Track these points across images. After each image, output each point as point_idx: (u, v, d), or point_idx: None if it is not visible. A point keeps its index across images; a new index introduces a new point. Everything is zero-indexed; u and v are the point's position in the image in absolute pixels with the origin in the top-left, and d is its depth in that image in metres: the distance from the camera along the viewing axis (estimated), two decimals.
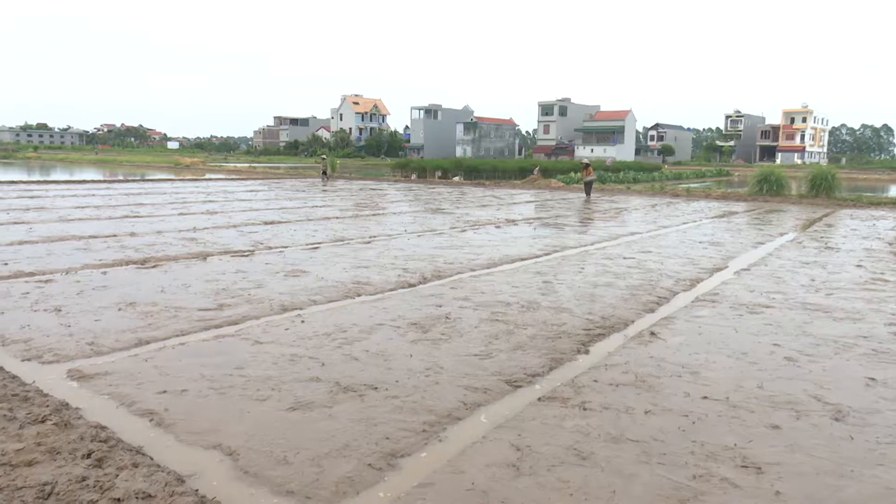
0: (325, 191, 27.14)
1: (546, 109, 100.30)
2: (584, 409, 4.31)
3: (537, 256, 10.61)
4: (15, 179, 30.28)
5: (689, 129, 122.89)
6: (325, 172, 36.36)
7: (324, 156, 40.11)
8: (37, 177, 34.81)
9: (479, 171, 41.82)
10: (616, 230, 14.61)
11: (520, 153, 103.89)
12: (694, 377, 4.98)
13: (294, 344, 5.58)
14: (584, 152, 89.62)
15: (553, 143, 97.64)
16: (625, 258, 10.49)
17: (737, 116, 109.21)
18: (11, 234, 11.70)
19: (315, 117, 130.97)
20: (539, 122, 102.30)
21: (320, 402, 4.35)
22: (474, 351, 5.51)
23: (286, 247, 11.00)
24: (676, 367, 5.22)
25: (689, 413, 4.28)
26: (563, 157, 78.15)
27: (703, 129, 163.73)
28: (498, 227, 14.88)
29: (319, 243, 11.52)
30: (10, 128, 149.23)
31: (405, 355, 5.36)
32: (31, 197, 20.43)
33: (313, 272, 8.74)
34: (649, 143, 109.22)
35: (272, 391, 4.52)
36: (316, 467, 3.46)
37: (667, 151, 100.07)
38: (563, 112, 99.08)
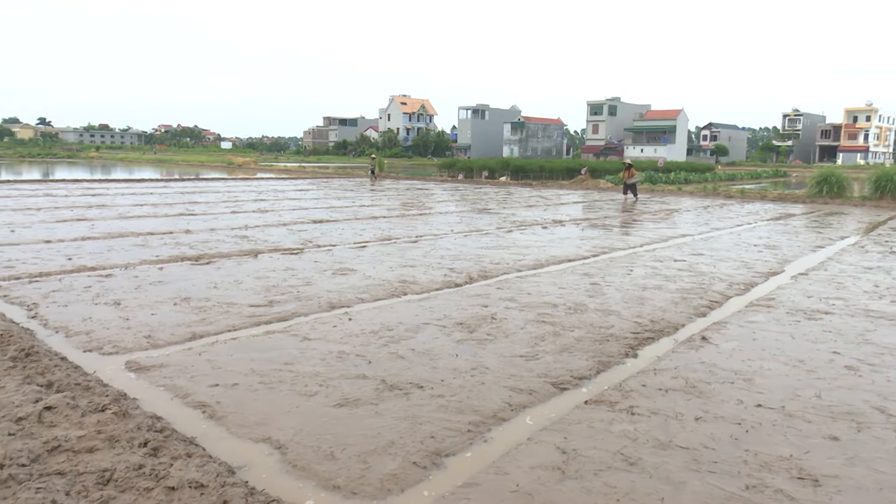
0: (372, 190, 27.43)
1: (595, 109, 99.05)
2: (632, 414, 4.23)
3: (585, 258, 10.48)
4: (79, 178, 31.57)
5: (743, 128, 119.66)
6: (373, 171, 36.74)
7: (373, 155, 40.56)
8: (98, 175, 36.18)
9: (526, 172, 41.59)
10: (666, 232, 14.32)
11: (567, 153, 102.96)
12: (747, 384, 4.85)
13: (341, 341, 5.65)
14: (633, 152, 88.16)
15: (602, 142, 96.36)
16: (675, 260, 10.28)
17: (795, 115, 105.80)
18: (75, 231, 12.19)
19: (363, 117, 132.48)
20: (588, 121, 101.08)
21: (367, 399, 4.39)
22: (520, 352, 5.48)
23: (334, 245, 11.15)
24: (729, 373, 5.08)
25: (742, 421, 4.17)
26: (612, 157, 77.03)
27: (759, 129, 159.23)
28: (545, 227, 14.77)
29: (367, 242, 11.64)
30: (75, 128, 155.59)
31: (451, 355, 5.37)
32: (94, 195, 21.24)
33: (360, 270, 8.83)
34: (702, 142, 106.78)
35: (320, 387, 4.59)
36: (362, 463, 3.50)
37: (720, 151, 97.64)
38: (612, 111, 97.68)
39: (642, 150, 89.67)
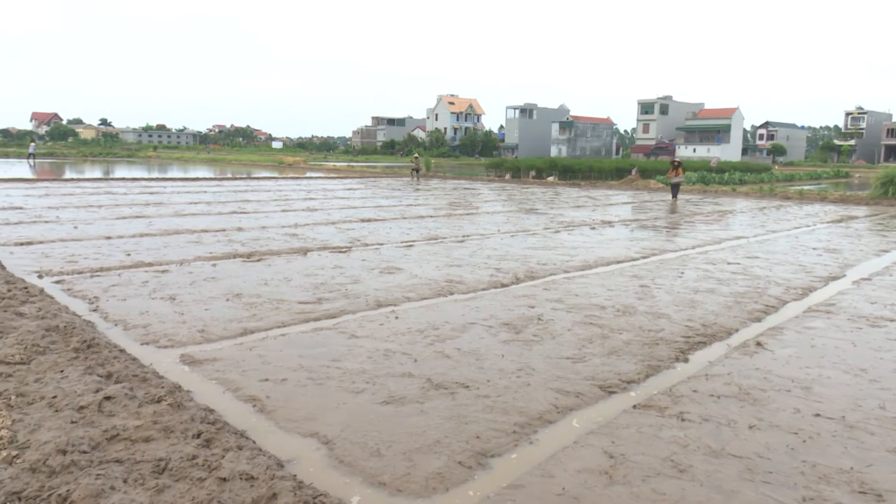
0: (417, 189, 27.56)
1: (646, 108, 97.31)
2: (683, 420, 4.14)
3: (634, 259, 10.31)
4: (137, 177, 32.69)
5: (802, 127, 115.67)
6: (416, 171, 36.91)
7: (416, 155, 40.75)
8: (156, 174, 37.38)
9: (575, 172, 41.12)
10: (719, 234, 13.96)
11: (617, 153, 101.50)
12: (805, 392, 4.68)
13: (388, 339, 5.69)
14: (685, 152, 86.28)
15: (653, 142, 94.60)
16: (729, 263, 10.01)
17: (859, 113, 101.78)
18: (134, 227, 12.62)
19: (411, 117, 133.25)
20: (638, 120, 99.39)
21: (413, 397, 4.42)
22: (567, 354, 5.42)
23: (382, 244, 11.25)
24: (785, 380, 4.92)
25: (799, 431, 4.03)
26: (664, 157, 75.53)
27: (819, 128, 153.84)
28: (593, 228, 14.58)
29: (414, 241, 11.70)
30: (134, 129, 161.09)
31: (497, 355, 5.36)
32: (151, 193, 21.95)
33: (407, 269, 8.89)
34: (758, 142, 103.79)
35: (367, 384, 4.63)
36: (407, 461, 3.52)
37: (777, 151, 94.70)
38: (664, 110, 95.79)
39: (695, 150, 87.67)
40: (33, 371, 4.37)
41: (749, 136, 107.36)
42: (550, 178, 38.88)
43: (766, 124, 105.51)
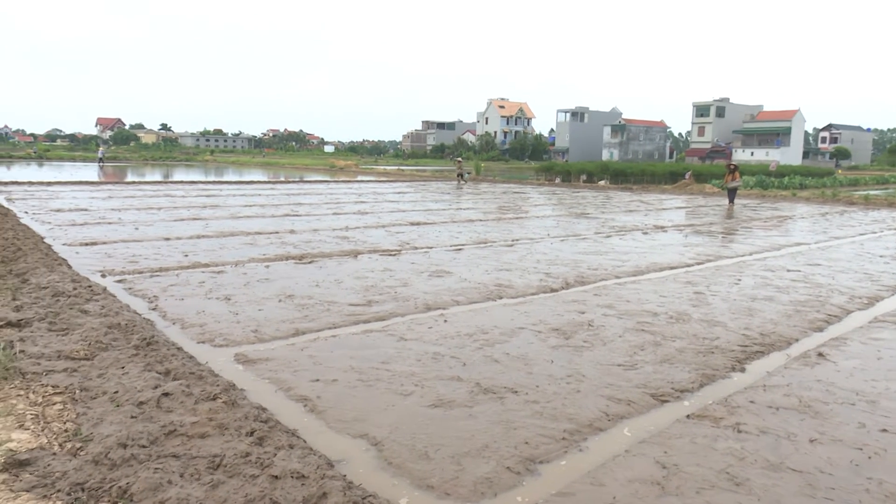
0: (459, 193, 27.57)
1: (701, 110, 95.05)
2: (739, 432, 4.02)
3: (688, 265, 10.07)
4: (195, 180, 33.71)
5: (868, 129, 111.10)
6: (461, 176, 36.96)
7: (459, 159, 40.74)
8: (212, 177, 38.47)
9: (626, 175, 40.47)
10: (778, 240, 13.52)
11: (671, 156, 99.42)
12: (871, 406, 4.48)
13: (437, 342, 5.71)
14: (742, 155, 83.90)
15: (708, 145, 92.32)
16: (788, 271, 9.68)
17: None
18: (191, 229, 13.01)
19: (461, 121, 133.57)
20: (693, 123, 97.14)
21: (461, 401, 4.41)
22: (618, 361, 5.33)
23: (431, 247, 11.30)
24: (849, 393, 4.72)
25: (864, 446, 3.85)
26: (719, 161, 73.60)
27: (887, 130, 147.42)
28: (645, 233, 14.31)
29: (463, 245, 11.71)
30: (192, 133, 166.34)
31: (546, 360, 5.31)
32: (208, 195, 22.59)
33: (456, 273, 8.89)
34: (820, 145, 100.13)
35: (415, 387, 4.65)
36: (456, 465, 3.52)
37: (841, 154, 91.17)
38: (720, 113, 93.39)
39: (752, 154, 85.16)
40: (96, 367, 4.54)
41: (811, 139, 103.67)
42: (601, 182, 38.38)
43: (828, 127, 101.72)
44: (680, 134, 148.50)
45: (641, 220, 17.38)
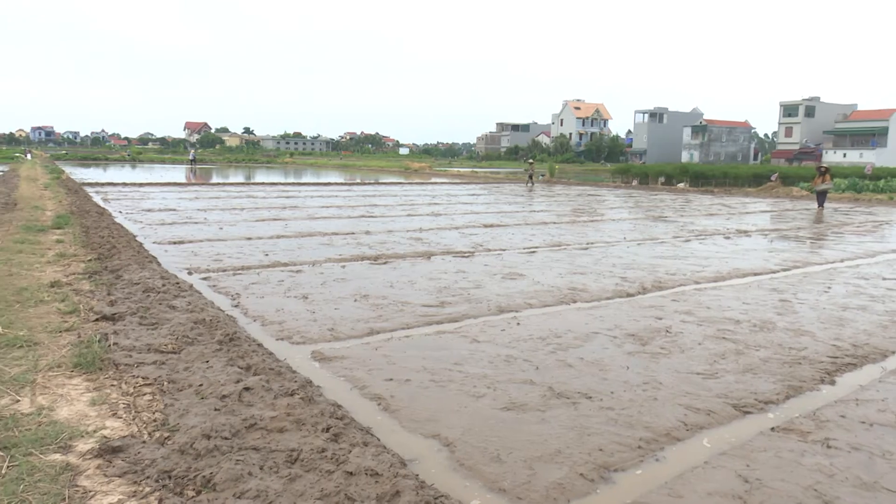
0: (530, 195, 27.32)
1: (789, 110, 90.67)
2: (828, 447, 3.80)
3: (773, 272, 9.63)
4: (276, 181, 34.90)
5: None
6: (531, 177, 36.66)
7: (531, 160, 40.36)
8: (292, 179, 39.71)
9: (707, 178, 39.05)
10: (873, 246, 12.73)
11: (755, 158, 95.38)
12: None
13: (509, 345, 5.68)
14: (834, 157, 79.50)
15: (796, 146, 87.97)
16: (884, 279, 9.10)
17: None
18: (271, 229, 13.47)
19: (535, 122, 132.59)
20: (780, 123, 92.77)
21: (533, 404, 4.37)
22: (697, 369, 5.15)
23: (504, 250, 11.26)
24: None
25: None
26: (808, 163, 70.05)
27: None
28: (727, 237, 13.78)
29: (536, 247, 11.62)
30: (273, 136, 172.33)
31: (621, 367, 5.19)
32: (287, 196, 23.33)
33: (529, 276, 8.83)
34: None
35: (488, 389, 4.64)
36: (528, 469, 3.49)
37: None
38: (809, 112, 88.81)
39: (845, 155, 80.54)
40: (183, 360, 4.77)
41: None
42: (681, 185, 37.22)
43: None
44: (765, 135, 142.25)
45: (723, 223, 16.75)
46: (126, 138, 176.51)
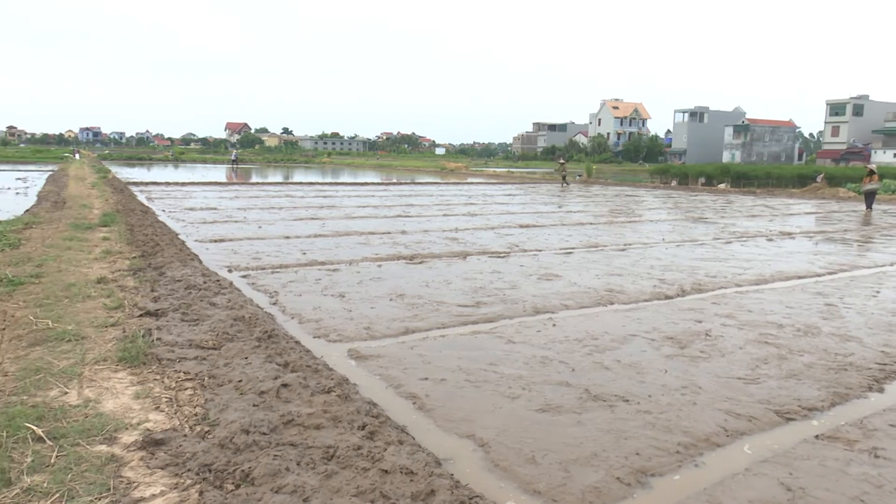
0: (570, 195, 27.08)
1: (836, 108, 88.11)
2: (876, 457, 3.68)
3: (818, 275, 9.37)
4: (313, 181, 35.32)
5: None
6: (564, 178, 36.38)
7: (563, 160, 40.01)
8: (329, 179, 40.13)
9: (749, 178, 38.19)
10: None
11: (800, 158, 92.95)
12: None
13: (545, 346, 5.64)
14: (884, 157, 76.95)
15: (843, 146, 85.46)
16: None
17: None
18: (310, 228, 13.63)
19: (573, 122, 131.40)
20: (826, 123, 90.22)
21: (569, 406, 4.34)
22: (738, 374, 5.05)
23: (540, 250, 11.19)
24: None
25: None
26: (856, 163, 67.96)
27: None
28: (770, 239, 13.46)
29: (573, 248, 11.52)
30: (311, 136, 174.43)
31: (659, 370, 5.11)
32: (325, 196, 23.58)
33: (566, 277, 8.76)
34: None
35: (523, 390, 4.62)
36: (563, 472, 3.46)
37: None
38: (857, 111, 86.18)
39: (895, 155, 77.96)
40: (223, 356, 4.86)
41: None
42: (721, 186, 36.50)
43: None
44: (811, 134, 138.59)
45: (766, 225, 16.37)
46: (169, 138, 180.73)
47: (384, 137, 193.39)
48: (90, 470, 3.06)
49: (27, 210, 14.95)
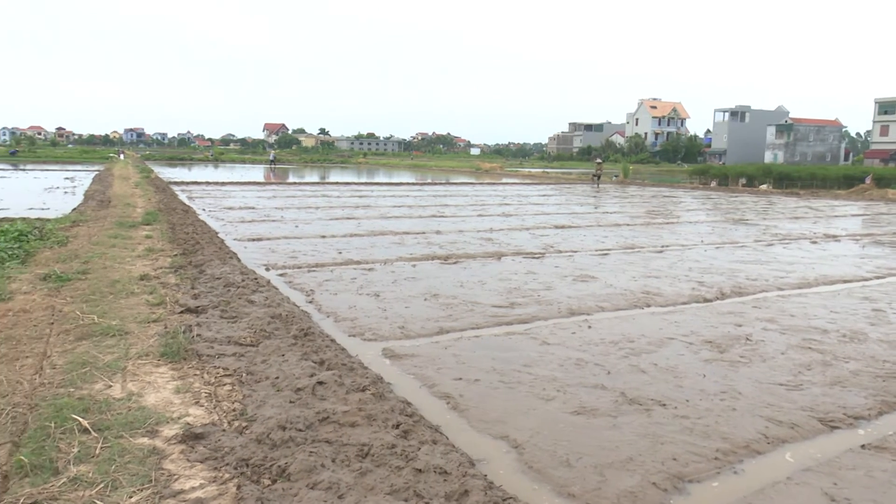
0: (607, 196, 26.78)
1: (885, 107, 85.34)
2: None
3: (865, 279, 9.09)
4: (349, 181, 35.63)
5: None
6: (598, 177, 36.02)
7: (599, 160, 39.60)
8: (364, 179, 40.43)
9: (792, 179, 37.32)
10: None
11: (846, 159, 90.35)
12: None
13: (580, 349, 5.59)
14: None
15: (892, 146, 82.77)
16: None
17: None
18: (345, 228, 13.75)
19: (609, 122, 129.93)
20: (874, 122, 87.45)
21: (604, 410, 4.29)
22: (780, 380, 4.93)
23: (575, 251, 11.10)
24: None
25: None
26: None
27: None
28: (814, 242, 13.11)
29: (609, 250, 11.39)
30: (347, 137, 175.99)
31: (697, 374, 5.02)
32: (360, 196, 23.77)
33: (601, 278, 8.67)
34: None
35: (557, 392, 4.59)
36: (598, 475, 3.42)
37: None
38: None
39: None
40: (260, 353, 4.93)
41: None
42: (763, 186, 35.70)
43: None
44: (858, 134, 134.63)
45: (809, 227, 15.96)
46: (209, 139, 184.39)
47: (419, 138, 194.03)
48: (133, 462, 3.14)
49: (74, 209, 15.41)
